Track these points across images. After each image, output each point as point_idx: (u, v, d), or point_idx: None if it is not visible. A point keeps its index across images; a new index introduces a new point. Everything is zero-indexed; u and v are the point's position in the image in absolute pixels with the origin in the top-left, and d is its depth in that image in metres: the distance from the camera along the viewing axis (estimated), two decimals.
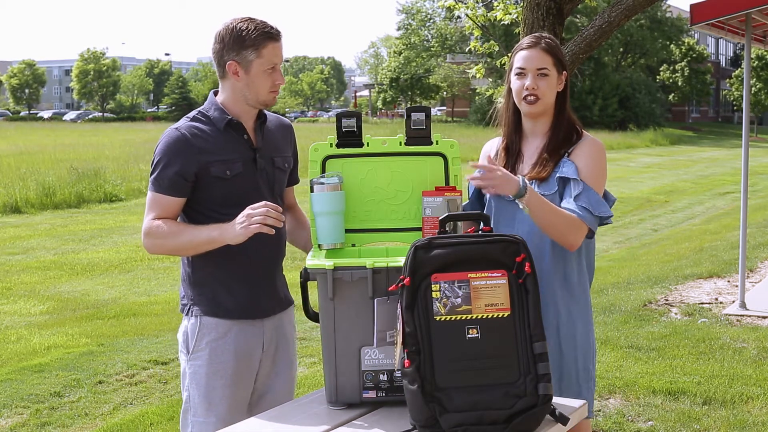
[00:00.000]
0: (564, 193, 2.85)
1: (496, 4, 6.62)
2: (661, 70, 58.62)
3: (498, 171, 2.67)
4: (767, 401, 5.11)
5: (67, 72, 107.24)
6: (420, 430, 2.29)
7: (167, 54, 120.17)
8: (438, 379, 2.28)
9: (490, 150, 3.10)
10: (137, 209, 15.15)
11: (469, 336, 2.30)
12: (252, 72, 2.82)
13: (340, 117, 2.86)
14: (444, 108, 70.64)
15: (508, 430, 2.25)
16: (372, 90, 71.41)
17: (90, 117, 78.48)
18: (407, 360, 2.28)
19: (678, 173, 24.48)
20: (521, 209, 2.73)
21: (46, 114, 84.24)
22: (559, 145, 2.91)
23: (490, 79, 36.86)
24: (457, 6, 6.80)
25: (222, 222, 2.75)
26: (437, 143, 2.87)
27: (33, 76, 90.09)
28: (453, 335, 2.29)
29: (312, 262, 2.54)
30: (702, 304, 7.74)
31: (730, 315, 7.28)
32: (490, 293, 2.32)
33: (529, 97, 2.89)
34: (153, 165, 2.84)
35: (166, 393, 5.55)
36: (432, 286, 2.31)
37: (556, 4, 4.96)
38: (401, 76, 63.10)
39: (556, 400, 2.42)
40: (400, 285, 2.33)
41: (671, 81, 57.92)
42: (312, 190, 2.77)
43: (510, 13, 6.45)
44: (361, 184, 2.87)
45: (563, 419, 2.34)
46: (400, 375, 2.38)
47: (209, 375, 2.88)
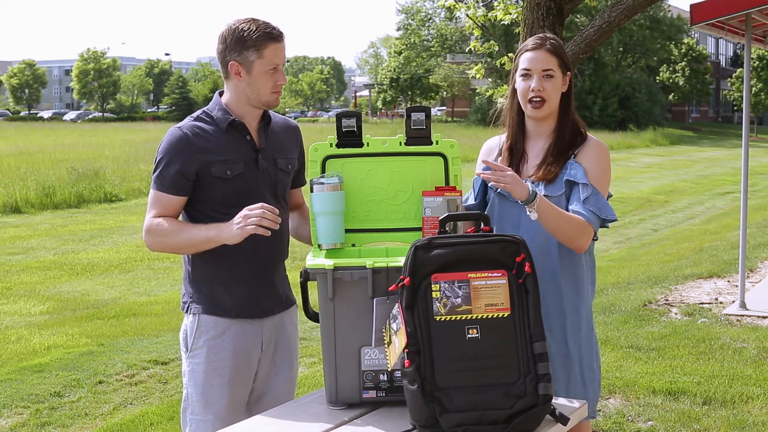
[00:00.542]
0: (572, 196, 2.85)
1: (496, 4, 6.61)
2: (661, 70, 58.61)
3: (509, 171, 2.68)
4: (767, 401, 5.11)
5: (67, 72, 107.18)
6: (420, 430, 2.29)
7: (167, 54, 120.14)
8: (438, 379, 2.28)
9: (491, 148, 3.10)
10: (137, 209, 15.15)
11: (469, 336, 2.30)
12: (254, 72, 2.83)
13: (340, 117, 2.85)
14: (444, 108, 70.60)
15: (508, 430, 2.26)
16: (372, 90, 71.35)
17: (90, 117, 78.48)
18: (407, 360, 2.28)
19: (678, 173, 24.48)
20: (527, 212, 2.73)
21: (46, 114, 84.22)
22: (566, 147, 2.91)
23: (490, 79, 36.91)
24: (457, 6, 6.79)
25: (222, 221, 2.76)
26: (437, 143, 2.87)
27: (33, 76, 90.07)
28: (453, 335, 2.29)
29: (312, 262, 2.54)
30: (702, 304, 7.74)
31: (730, 315, 7.28)
32: (490, 293, 2.32)
33: (535, 100, 2.89)
34: (155, 163, 2.87)
35: (166, 393, 5.55)
36: (432, 286, 2.31)
37: (556, 4, 4.95)
38: (401, 76, 63.07)
39: (558, 400, 2.42)
40: (400, 285, 2.33)
41: (671, 81, 57.92)
42: (312, 190, 2.77)
43: (510, 13, 6.45)
44: (361, 184, 2.87)
45: (563, 419, 2.34)
46: (400, 375, 2.38)
47: (207, 373, 2.89)
